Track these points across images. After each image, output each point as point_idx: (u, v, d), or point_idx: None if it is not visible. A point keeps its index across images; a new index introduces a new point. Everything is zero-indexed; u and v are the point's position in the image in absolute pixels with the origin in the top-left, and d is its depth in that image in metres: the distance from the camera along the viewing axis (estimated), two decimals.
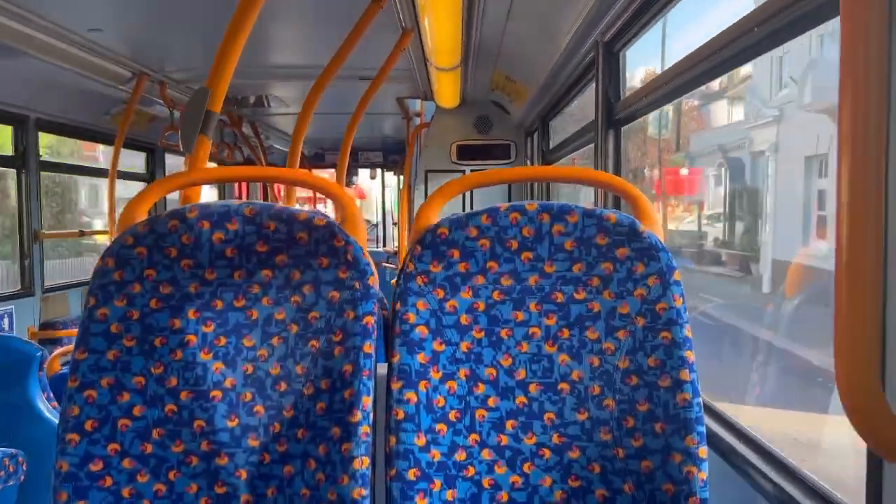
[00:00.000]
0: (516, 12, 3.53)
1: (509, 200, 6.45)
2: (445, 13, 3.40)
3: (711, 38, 1.97)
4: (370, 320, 1.58)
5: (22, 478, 2.81)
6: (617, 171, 2.96)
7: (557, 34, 3.38)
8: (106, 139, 5.98)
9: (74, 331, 5.29)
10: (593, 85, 3.37)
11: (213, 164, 8.63)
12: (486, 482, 1.56)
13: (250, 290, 1.62)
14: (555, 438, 1.56)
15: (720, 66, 2.00)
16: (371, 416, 1.54)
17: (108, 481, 1.52)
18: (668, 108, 5.81)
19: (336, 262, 1.61)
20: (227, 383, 1.58)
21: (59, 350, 3.71)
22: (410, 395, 1.56)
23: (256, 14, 2.13)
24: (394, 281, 1.62)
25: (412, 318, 1.60)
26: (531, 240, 1.62)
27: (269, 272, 1.62)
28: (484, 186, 1.81)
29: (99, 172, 6.75)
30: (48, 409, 2.97)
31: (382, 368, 1.64)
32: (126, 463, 1.53)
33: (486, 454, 1.57)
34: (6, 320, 4.87)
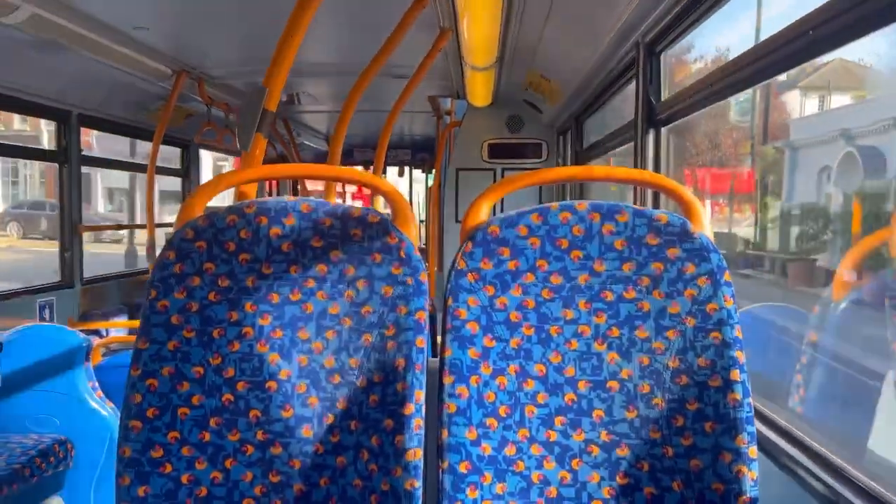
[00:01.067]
0: (556, 13, 3.55)
1: (540, 200, 6.45)
2: (485, 13, 3.42)
3: (761, 41, 1.97)
4: (422, 315, 1.61)
5: (70, 464, 2.89)
6: (657, 170, 2.97)
7: (597, 34, 3.39)
8: (144, 134, 6.09)
9: (113, 322, 5.42)
10: (631, 85, 3.37)
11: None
12: (535, 477, 1.58)
13: (306, 285, 1.66)
14: (603, 436, 1.58)
15: (768, 69, 2.00)
16: (423, 409, 1.57)
17: (169, 468, 1.57)
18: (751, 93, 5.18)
19: (389, 259, 1.64)
20: (283, 374, 1.62)
21: (100, 341, 3.80)
22: (462, 389, 1.59)
23: (313, 14, 2.18)
24: (422, 274, 1.65)
25: (463, 314, 1.63)
26: (581, 239, 1.64)
27: (324, 267, 1.66)
28: (533, 185, 1.83)
29: (137, 167, 6.87)
30: (94, 398, 3.06)
31: (432, 363, 1.67)
32: (185, 450, 1.58)
33: (536, 449, 1.59)
34: (48, 311, 4.98)
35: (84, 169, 5.41)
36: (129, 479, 1.55)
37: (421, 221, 12.21)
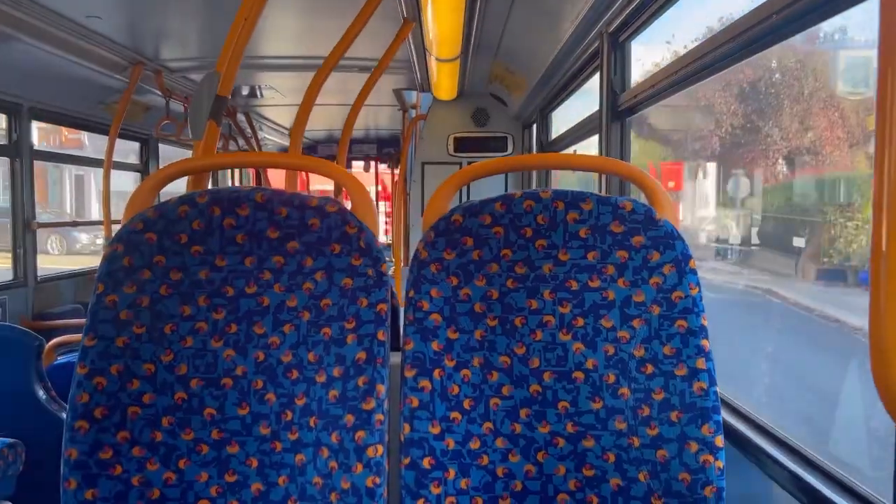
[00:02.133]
0: (519, 3, 3.52)
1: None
2: (449, 3, 3.37)
3: (723, 28, 1.96)
4: (384, 308, 1.57)
5: (21, 467, 2.78)
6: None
7: (561, 24, 3.37)
8: (100, 129, 5.93)
9: (67, 321, 5.27)
10: (595, 76, 3.36)
11: None
12: (500, 471, 1.55)
13: (262, 277, 1.60)
14: (569, 427, 1.55)
15: (731, 56, 1.99)
16: (385, 403, 1.52)
17: (118, 469, 1.50)
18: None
19: (349, 249, 1.59)
20: (239, 371, 1.56)
21: (54, 340, 3.67)
22: (425, 382, 1.55)
23: None
24: (391, 272, 1.61)
25: (426, 305, 1.58)
26: (545, 227, 1.60)
27: (280, 259, 1.60)
28: (496, 174, 1.80)
29: (92, 162, 6.69)
30: (46, 399, 2.94)
31: (394, 357, 1.62)
32: (136, 451, 1.51)
33: (500, 443, 1.55)
34: None
35: (78, 170, 5.27)
36: (76, 483, 1.48)
37: (387, 215, 12.14)
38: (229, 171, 9.79)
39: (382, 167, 12.25)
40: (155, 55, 4.97)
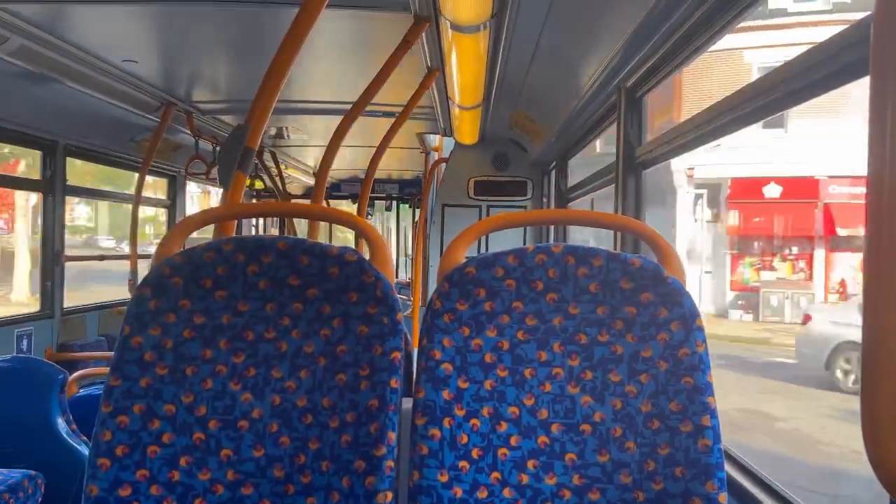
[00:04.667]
0: (540, 56, 3.61)
1: (524, 238, 6.46)
2: (471, 54, 3.48)
3: (737, 90, 2.02)
4: (397, 356, 1.62)
5: (40, 500, 2.83)
6: (637, 214, 3.00)
7: (580, 78, 3.45)
8: (131, 166, 6.10)
9: (91, 354, 5.36)
10: (613, 127, 3.43)
11: None
12: None
13: (281, 323, 1.66)
14: (575, 479, 1.58)
15: (744, 118, 2.05)
16: (396, 450, 1.56)
17: None
18: None
19: (365, 298, 1.65)
20: (255, 413, 1.61)
21: (77, 373, 3.75)
22: (434, 431, 1.59)
23: (298, 54, 2.21)
24: (408, 312, 1.66)
25: (438, 354, 1.63)
26: (556, 281, 1.65)
27: (300, 305, 1.66)
28: (511, 227, 1.85)
29: (123, 197, 6.87)
30: (67, 432, 3.01)
31: (404, 402, 1.66)
32: (154, 489, 1.56)
33: (508, 493, 1.58)
34: (25, 341, 4.93)
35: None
36: None
37: (406, 256, 12.21)
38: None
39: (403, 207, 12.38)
40: (186, 97, 5.14)
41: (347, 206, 10.85)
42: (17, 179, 6.61)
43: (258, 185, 8.37)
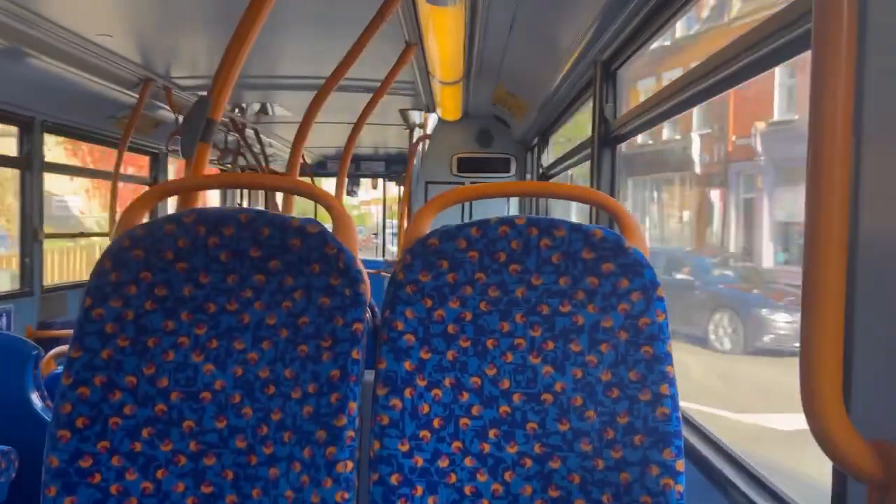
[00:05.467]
0: (518, 29, 3.60)
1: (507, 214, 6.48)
2: (448, 28, 3.46)
3: (708, 57, 2.01)
4: (359, 327, 1.62)
5: (13, 475, 2.84)
6: (611, 188, 3.01)
7: (558, 51, 3.44)
8: (111, 142, 6.04)
9: (70, 331, 5.33)
10: (590, 103, 3.42)
11: (214, 169, 8.70)
12: (467, 489, 1.59)
13: (243, 295, 1.65)
14: (536, 448, 1.59)
15: (718, 85, 2.04)
16: (357, 420, 1.57)
17: (97, 478, 1.55)
18: None
19: (328, 269, 1.65)
20: (217, 385, 1.61)
21: (54, 350, 3.74)
22: (396, 401, 1.59)
23: (261, 24, 2.19)
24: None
25: (400, 325, 1.63)
26: (519, 252, 1.65)
27: (261, 277, 1.66)
28: (475, 199, 1.85)
29: (103, 175, 6.81)
30: (42, 408, 3.00)
31: (372, 375, 1.67)
32: (115, 460, 1.56)
33: (469, 461, 1.60)
34: (4, 319, 4.90)
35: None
36: (56, 490, 1.53)
37: (394, 234, 12.20)
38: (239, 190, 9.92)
39: (390, 185, 12.34)
40: (165, 72, 5.08)
41: (329, 184, 10.81)
42: None
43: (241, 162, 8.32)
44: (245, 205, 10.88)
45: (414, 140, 7.36)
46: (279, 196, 10.16)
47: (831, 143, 0.94)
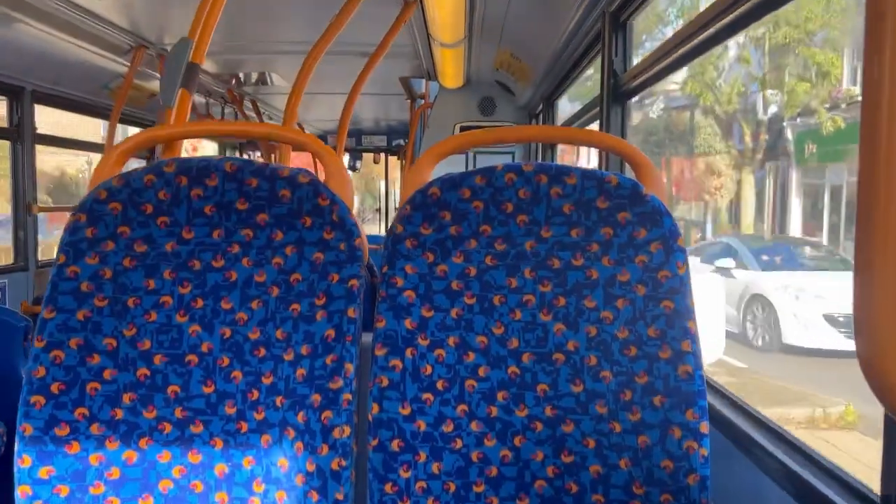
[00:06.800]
0: None
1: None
2: None
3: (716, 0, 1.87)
4: (355, 283, 1.50)
5: (3, 448, 2.75)
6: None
7: (564, 5, 3.28)
8: (104, 113, 5.89)
9: None
10: (598, 60, 3.27)
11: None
12: (474, 455, 1.48)
13: (230, 250, 1.53)
14: (548, 411, 1.48)
15: (729, 27, 1.90)
16: (354, 383, 1.46)
17: (75, 447, 1.44)
18: None
19: (321, 223, 1.52)
20: (204, 347, 1.50)
21: None
22: (396, 362, 1.48)
23: None
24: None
25: (400, 282, 1.51)
26: (527, 202, 1.53)
27: (249, 231, 1.54)
28: (482, 146, 1.72)
29: (96, 147, 6.66)
30: None
31: (370, 337, 1.56)
32: (94, 429, 1.45)
33: (475, 426, 1.48)
34: None
35: None
36: (31, 460, 1.43)
37: (397, 208, 12.06)
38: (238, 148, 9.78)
39: (392, 159, 12.17)
40: (158, 39, 4.92)
41: None
42: None
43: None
44: None
45: (415, 109, 7.20)
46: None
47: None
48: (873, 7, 0.78)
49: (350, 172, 12.15)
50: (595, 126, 3.50)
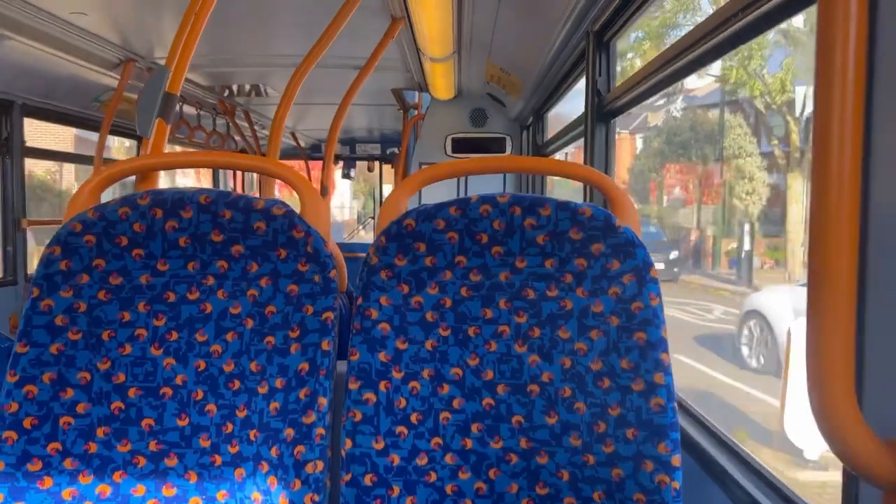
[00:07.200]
0: (507, 1, 3.44)
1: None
2: (435, 1, 3.31)
3: (703, 20, 1.87)
4: (329, 316, 1.50)
5: None
6: (606, 166, 2.87)
7: (548, 23, 3.29)
8: (95, 126, 5.89)
9: None
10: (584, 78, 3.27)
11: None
12: (448, 489, 1.48)
13: (205, 283, 1.53)
14: (522, 443, 1.48)
15: (714, 50, 1.91)
16: (328, 417, 1.46)
17: (48, 482, 1.44)
18: None
19: (295, 254, 1.52)
20: (178, 380, 1.50)
21: None
22: (369, 395, 1.48)
23: None
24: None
25: (374, 313, 1.51)
26: (502, 233, 1.53)
27: (224, 263, 1.54)
28: (449, 177, 1.73)
29: (86, 159, 6.65)
30: None
31: (344, 366, 1.56)
32: (68, 463, 1.45)
33: (450, 459, 1.48)
34: None
35: None
36: (3, 496, 1.42)
37: None
38: (230, 172, 9.75)
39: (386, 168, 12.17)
40: (147, 53, 4.92)
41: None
42: None
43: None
44: (238, 190, 10.73)
45: (408, 121, 7.20)
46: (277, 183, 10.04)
47: (840, 118, 0.81)
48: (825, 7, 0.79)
49: (347, 179, 12.13)
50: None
